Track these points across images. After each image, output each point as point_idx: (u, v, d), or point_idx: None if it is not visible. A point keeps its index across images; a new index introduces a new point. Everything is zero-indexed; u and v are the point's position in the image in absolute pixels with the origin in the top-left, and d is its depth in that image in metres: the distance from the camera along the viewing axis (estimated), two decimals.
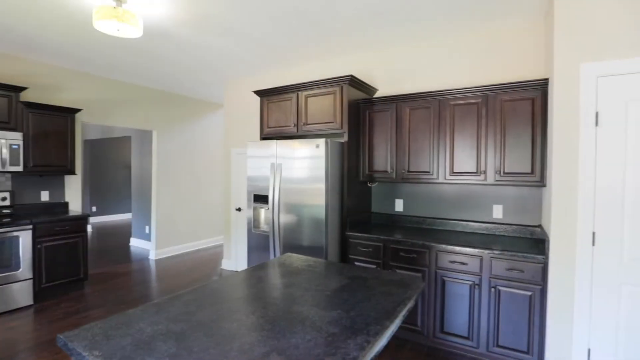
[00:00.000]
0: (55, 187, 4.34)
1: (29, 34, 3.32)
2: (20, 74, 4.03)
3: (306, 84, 3.37)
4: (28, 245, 3.56)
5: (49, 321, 3.28)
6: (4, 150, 3.59)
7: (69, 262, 3.91)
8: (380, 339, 1.14)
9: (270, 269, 1.94)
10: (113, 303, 3.73)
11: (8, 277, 3.43)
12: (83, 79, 4.59)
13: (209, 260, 5.51)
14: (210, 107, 6.40)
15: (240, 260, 4.84)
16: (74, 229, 3.95)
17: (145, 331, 1.20)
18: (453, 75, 3.33)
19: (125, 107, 5.07)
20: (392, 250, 2.95)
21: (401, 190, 3.57)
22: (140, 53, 3.84)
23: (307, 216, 3.10)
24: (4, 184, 3.93)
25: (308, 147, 3.08)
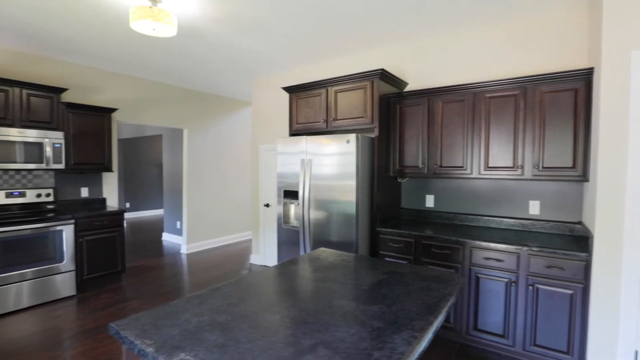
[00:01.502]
0: (94, 183, 4.55)
1: (69, 37, 3.48)
2: (60, 76, 4.23)
3: (336, 79, 3.36)
4: (71, 238, 3.76)
5: (91, 311, 3.45)
6: (48, 149, 3.79)
7: (107, 255, 4.09)
8: (426, 335, 1.12)
9: (305, 263, 1.95)
10: (149, 295, 3.88)
11: (53, 268, 3.64)
12: (117, 79, 4.77)
13: (238, 254, 5.63)
14: (237, 104, 6.50)
15: (268, 255, 4.91)
16: (112, 224, 4.13)
17: (191, 322, 1.23)
18: (488, 67, 3.22)
19: (157, 106, 5.23)
20: (423, 246, 2.90)
21: (432, 186, 3.50)
22: (172, 53, 3.94)
23: (337, 212, 3.09)
24: (47, 181, 4.15)
25: (338, 143, 3.07)
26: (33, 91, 3.73)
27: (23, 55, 3.94)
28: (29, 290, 3.47)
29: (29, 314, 3.36)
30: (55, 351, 2.72)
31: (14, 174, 3.90)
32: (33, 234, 3.50)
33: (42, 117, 3.80)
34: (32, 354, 2.67)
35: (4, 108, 3.55)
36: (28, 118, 3.70)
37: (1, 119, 3.53)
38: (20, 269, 3.42)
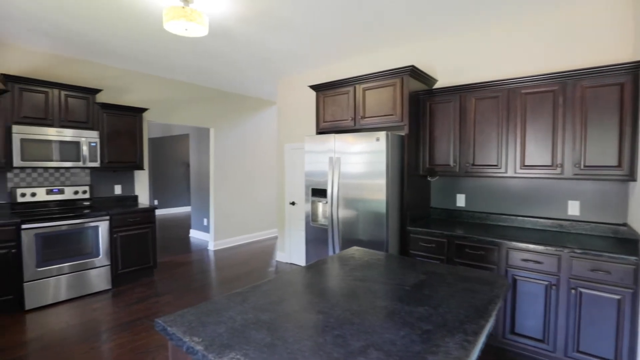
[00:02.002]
0: (126, 181, 4.70)
1: (104, 40, 3.59)
2: (95, 77, 4.38)
3: (364, 76, 3.32)
4: (106, 234, 3.89)
5: (125, 304, 3.57)
6: (84, 147, 3.93)
7: (140, 251, 4.22)
8: (480, 339, 1.08)
9: (341, 262, 1.94)
10: (180, 290, 3.98)
11: (89, 263, 3.78)
12: (148, 80, 4.89)
13: (263, 252, 5.68)
14: (261, 104, 6.56)
15: (294, 253, 4.93)
16: (144, 220, 4.25)
17: (236, 320, 1.24)
18: (523, 62, 3.10)
19: (185, 106, 5.34)
20: (456, 246, 2.83)
21: (463, 185, 3.41)
22: (200, 53, 4.00)
23: (366, 211, 3.06)
24: (83, 179, 4.32)
25: (368, 141, 3.03)
26: (71, 92, 3.88)
27: (61, 58, 4.10)
28: (67, 284, 3.62)
29: (67, 306, 3.51)
30: (93, 343, 2.82)
31: (54, 171, 4.07)
32: (71, 230, 3.65)
33: (79, 117, 3.95)
34: (72, 345, 2.79)
35: (44, 109, 3.71)
36: (66, 118, 3.85)
37: (42, 119, 3.69)
38: (59, 263, 3.57)
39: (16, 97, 3.53)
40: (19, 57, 3.81)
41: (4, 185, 3.74)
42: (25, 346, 2.77)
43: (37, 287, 3.43)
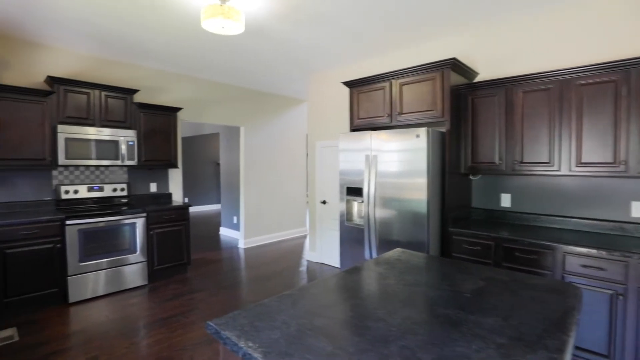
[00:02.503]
0: (161, 179, 4.79)
1: (142, 41, 3.65)
2: (132, 78, 4.49)
3: (401, 71, 3.19)
4: (143, 231, 3.97)
5: (162, 300, 3.62)
6: (123, 146, 4.03)
7: (175, 248, 4.28)
8: (565, 356, 0.96)
9: (388, 265, 1.84)
10: (213, 287, 4.00)
11: (127, 259, 3.86)
12: (182, 80, 4.96)
13: (293, 251, 5.65)
14: (291, 102, 6.53)
15: (325, 252, 4.86)
16: (179, 218, 4.31)
17: (290, 325, 1.17)
18: (576, 51, 2.87)
19: (216, 105, 5.39)
20: (505, 249, 2.66)
21: (509, 184, 3.21)
22: (234, 52, 4.00)
23: (405, 211, 2.94)
24: (121, 177, 4.43)
25: (407, 138, 2.90)
26: (110, 93, 3.98)
27: (102, 60, 4.22)
28: (106, 279, 3.72)
29: (106, 300, 3.60)
30: (132, 338, 2.86)
31: (94, 169, 4.20)
32: (111, 226, 3.74)
33: (118, 117, 4.04)
34: (111, 339, 2.84)
35: (86, 109, 3.82)
36: (106, 118, 3.95)
37: (84, 119, 3.81)
38: (99, 259, 3.67)
39: (61, 98, 3.66)
40: (63, 60, 3.95)
41: (49, 182, 3.89)
42: (69, 338, 2.85)
43: (80, 281, 3.54)
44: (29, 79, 3.73)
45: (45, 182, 3.87)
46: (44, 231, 3.33)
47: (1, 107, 3.32)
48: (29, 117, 3.47)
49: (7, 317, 3.19)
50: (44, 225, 3.33)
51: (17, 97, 3.40)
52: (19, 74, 3.68)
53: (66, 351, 2.66)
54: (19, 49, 3.67)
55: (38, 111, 3.53)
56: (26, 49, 3.71)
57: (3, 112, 3.34)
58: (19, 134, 3.42)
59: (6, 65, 3.60)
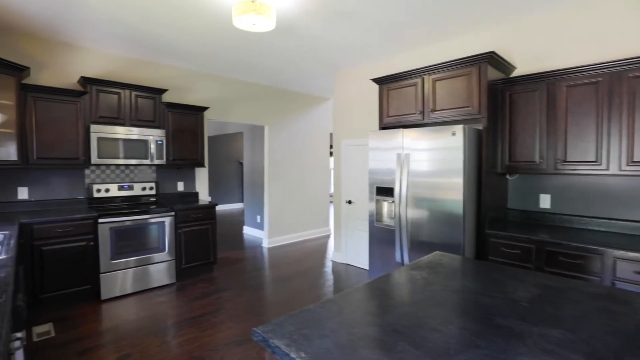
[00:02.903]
0: (188, 178, 4.84)
1: (171, 40, 3.68)
2: (160, 78, 4.54)
3: (434, 66, 3.08)
4: (171, 229, 4.01)
5: (190, 299, 3.64)
6: (152, 145, 4.08)
7: (202, 247, 4.31)
8: None
9: (430, 269, 1.75)
10: (240, 286, 4.00)
11: (156, 257, 3.91)
12: (208, 79, 4.99)
13: (317, 251, 5.61)
14: (314, 101, 6.48)
15: (350, 253, 4.79)
16: (206, 217, 4.34)
17: (340, 334, 1.11)
18: (627, 41, 2.68)
19: (241, 104, 5.40)
20: (548, 253, 2.51)
21: (549, 184, 3.05)
22: (261, 50, 3.98)
23: (439, 211, 2.83)
24: (150, 175, 4.50)
25: (442, 136, 2.80)
26: (140, 92, 4.04)
27: (131, 60, 4.29)
28: (136, 277, 3.77)
29: (136, 298, 3.65)
30: (163, 337, 2.88)
31: (124, 168, 4.27)
32: (141, 224, 3.80)
33: (147, 116, 4.10)
34: (143, 337, 2.86)
35: (117, 109, 3.89)
36: (136, 117, 4.01)
37: (115, 118, 3.87)
38: (130, 257, 3.72)
39: (94, 98, 3.73)
40: (95, 61, 4.03)
41: (82, 181, 3.99)
42: (103, 335, 2.89)
43: (111, 279, 3.60)
44: (62, 79, 3.83)
45: (78, 181, 3.96)
46: (77, 229, 3.41)
47: (38, 108, 3.42)
48: (63, 117, 3.56)
49: (43, 312, 3.28)
50: (78, 223, 3.41)
51: (53, 97, 3.49)
52: (54, 75, 3.78)
53: (100, 348, 2.71)
54: (54, 50, 3.77)
55: (72, 111, 3.62)
56: (60, 51, 3.81)
57: (40, 112, 3.43)
58: (54, 133, 3.51)
59: (42, 67, 3.70)
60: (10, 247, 2.12)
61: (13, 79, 3.24)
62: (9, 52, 3.49)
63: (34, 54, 3.66)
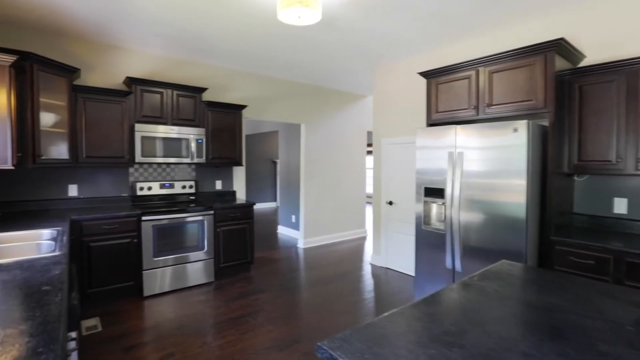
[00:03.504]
0: (226, 177, 4.85)
1: (212, 38, 3.67)
2: (200, 77, 4.57)
3: (491, 57, 2.83)
4: (211, 228, 4.01)
5: (228, 299, 3.60)
6: (192, 144, 4.10)
7: (239, 246, 4.29)
8: None
9: (502, 282, 1.55)
10: (277, 288, 3.92)
11: (195, 255, 3.92)
12: (245, 78, 4.98)
13: (354, 252, 5.45)
14: (351, 98, 6.33)
15: (391, 257, 4.59)
16: (244, 216, 4.31)
17: (418, 355, 0.96)
18: None
19: (278, 102, 5.35)
20: (629, 265, 2.21)
21: (626, 186, 2.71)
22: (300, 47, 3.89)
23: (498, 215, 2.59)
24: (190, 174, 4.54)
25: (501, 133, 2.55)
26: (181, 92, 4.07)
27: (173, 60, 4.35)
28: (176, 274, 3.80)
29: (175, 296, 3.66)
30: (204, 337, 2.84)
31: (165, 167, 4.34)
32: (181, 223, 3.82)
33: (188, 115, 4.13)
34: (185, 337, 2.84)
35: (160, 108, 3.94)
36: (177, 116, 4.05)
37: (157, 117, 3.93)
38: (170, 254, 3.75)
39: (138, 98, 3.80)
40: (138, 61, 4.12)
41: (126, 179, 4.08)
42: (146, 332, 2.91)
43: (153, 276, 3.64)
44: (109, 80, 3.93)
45: (123, 179, 4.06)
46: (122, 226, 3.47)
47: (87, 108, 3.52)
48: (110, 117, 3.65)
49: (91, 307, 3.36)
50: (123, 220, 3.47)
51: (101, 97, 3.58)
52: (101, 76, 3.89)
53: (144, 346, 2.71)
54: (101, 52, 3.88)
55: (118, 111, 3.70)
56: (107, 53, 3.91)
57: (89, 112, 3.53)
58: (101, 133, 3.60)
59: (91, 69, 3.82)
60: (64, 243, 2.14)
61: (65, 80, 3.35)
62: (61, 55, 3.63)
63: (84, 56, 3.78)
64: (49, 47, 3.57)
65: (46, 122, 3.19)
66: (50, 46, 3.58)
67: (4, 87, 2.54)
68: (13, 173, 3.45)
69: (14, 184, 3.46)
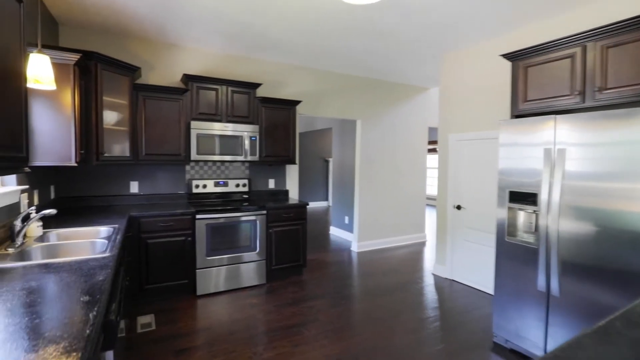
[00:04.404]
0: (279, 175, 4.69)
1: (266, 33, 3.49)
2: (254, 72, 4.45)
3: (605, 28, 2.25)
4: (263, 228, 3.86)
5: (280, 304, 3.41)
6: (246, 141, 3.98)
7: (292, 248, 4.09)
8: None
9: None
10: (331, 295, 3.65)
11: (247, 256, 3.79)
12: (300, 72, 4.77)
13: (413, 259, 5.00)
14: (412, 91, 5.84)
15: (458, 268, 4.08)
16: (297, 216, 4.10)
17: None
18: None
19: (333, 98, 5.07)
20: None
21: None
22: (360, 35, 3.56)
23: (616, 227, 2.03)
24: (243, 172, 4.44)
25: (623, 124, 1.99)
26: (236, 88, 3.97)
27: (227, 57, 4.27)
28: (228, 275, 3.69)
29: (227, 297, 3.56)
30: (254, 346, 2.65)
31: (220, 164, 4.28)
32: (234, 222, 3.71)
33: (242, 112, 4.02)
34: (235, 343, 2.68)
35: (215, 105, 3.87)
36: (232, 113, 3.95)
37: (212, 114, 3.86)
38: (223, 254, 3.66)
39: (194, 95, 3.76)
40: (195, 59, 4.09)
41: (183, 176, 4.08)
42: (198, 335, 2.80)
43: (206, 275, 3.58)
44: (167, 78, 3.95)
45: (179, 176, 4.07)
46: (177, 224, 3.44)
47: (147, 106, 3.54)
48: (167, 115, 3.64)
49: (146, 303, 3.37)
50: (178, 218, 3.44)
51: (159, 95, 3.59)
52: (159, 74, 3.91)
53: (195, 350, 2.59)
54: (161, 51, 3.90)
55: (175, 109, 3.68)
56: (166, 51, 3.93)
57: (148, 110, 3.55)
58: (159, 131, 3.60)
59: (150, 67, 3.86)
60: (116, 243, 2.06)
61: (127, 79, 3.38)
62: (124, 55, 3.70)
63: (145, 55, 3.83)
64: (113, 48, 3.65)
65: (109, 121, 3.24)
66: (114, 47, 3.66)
67: (68, 85, 2.56)
68: (78, 169, 3.58)
69: (80, 180, 3.59)
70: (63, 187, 3.51)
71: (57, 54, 2.47)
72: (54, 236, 2.33)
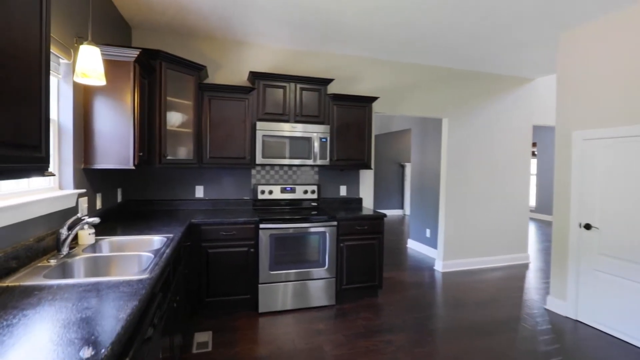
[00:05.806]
0: (352, 181, 4.18)
1: (339, 23, 3.02)
2: (325, 68, 4.03)
3: None
4: (333, 242, 3.38)
5: (352, 334, 2.87)
6: (315, 144, 3.55)
7: (366, 265, 3.54)
8: None
9: None
10: (414, 327, 3.00)
11: (315, 273, 3.34)
12: (377, 66, 4.22)
13: (515, 288, 4.05)
14: (511, 83, 4.86)
15: (586, 306, 3.09)
16: (372, 230, 3.54)
17: None
18: None
19: (414, 94, 4.40)
20: None
21: None
22: (452, 11, 2.88)
23: None
24: (312, 177, 4.03)
25: None
26: (305, 85, 3.58)
27: (295, 52, 3.93)
28: (292, 292, 3.29)
29: (291, 318, 3.15)
30: None
31: (287, 169, 3.94)
32: (301, 233, 3.30)
33: (311, 111, 3.61)
34: None
35: (282, 104, 3.53)
36: (300, 113, 3.57)
37: (279, 114, 3.52)
38: (288, 269, 3.27)
39: (260, 94, 3.47)
40: (262, 56, 3.82)
41: (249, 181, 3.82)
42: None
43: (269, 291, 3.22)
44: (233, 77, 3.73)
45: (245, 181, 3.81)
46: (240, 233, 3.14)
47: (212, 106, 3.34)
48: (233, 116, 3.40)
49: (205, 317, 3.12)
50: (240, 226, 3.14)
51: (225, 95, 3.36)
52: (225, 73, 3.72)
53: None
54: (226, 49, 3.71)
55: (241, 109, 3.42)
56: (232, 49, 3.73)
57: (213, 111, 3.34)
58: (224, 132, 3.38)
59: (216, 67, 3.68)
60: (162, 259, 1.75)
61: (192, 79, 3.21)
62: (191, 54, 3.57)
63: (211, 54, 3.66)
64: (181, 50, 3.54)
65: (173, 122, 3.08)
66: (183, 48, 3.55)
67: (127, 84, 2.40)
68: (144, 172, 3.50)
69: (146, 184, 3.52)
70: (131, 190, 3.47)
71: (116, 50, 2.31)
72: (106, 245, 2.14)
